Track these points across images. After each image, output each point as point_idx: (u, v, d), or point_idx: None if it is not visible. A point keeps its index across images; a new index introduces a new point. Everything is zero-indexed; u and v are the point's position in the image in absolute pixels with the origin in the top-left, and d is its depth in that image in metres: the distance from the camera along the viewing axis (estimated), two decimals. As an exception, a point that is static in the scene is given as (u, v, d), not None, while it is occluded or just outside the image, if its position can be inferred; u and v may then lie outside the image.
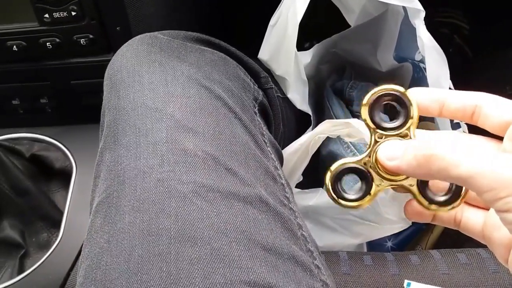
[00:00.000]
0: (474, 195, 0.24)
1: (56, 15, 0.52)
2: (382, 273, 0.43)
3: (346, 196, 0.28)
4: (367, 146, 0.28)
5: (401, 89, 0.27)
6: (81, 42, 0.54)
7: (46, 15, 0.52)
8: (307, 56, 0.61)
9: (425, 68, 0.59)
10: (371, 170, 0.28)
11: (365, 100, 0.28)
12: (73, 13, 0.52)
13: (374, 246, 0.59)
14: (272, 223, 0.32)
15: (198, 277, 0.26)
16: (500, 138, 0.27)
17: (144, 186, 0.30)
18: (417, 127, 0.28)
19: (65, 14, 0.52)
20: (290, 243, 0.31)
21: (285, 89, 0.54)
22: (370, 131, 0.28)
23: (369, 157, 0.28)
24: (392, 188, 0.28)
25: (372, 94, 0.28)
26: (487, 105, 0.26)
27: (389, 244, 0.61)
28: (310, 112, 0.56)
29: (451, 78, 0.48)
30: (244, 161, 0.34)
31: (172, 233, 0.28)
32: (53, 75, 0.57)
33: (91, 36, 0.53)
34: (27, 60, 0.56)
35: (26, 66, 0.56)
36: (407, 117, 0.27)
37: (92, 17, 0.52)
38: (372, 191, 0.28)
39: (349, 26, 0.65)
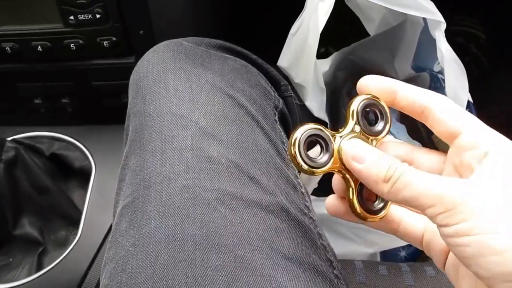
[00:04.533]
0: None
1: (81, 17, 0.53)
2: (397, 284, 0.43)
3: (309, 162, 0.26)
4: (344, 124, 0.28)
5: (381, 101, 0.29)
6: (104, 44, 0.54)
7: (71, 17, 0.53)
8: (325, 65, 0.61)
9: (443, 79, 0.59)
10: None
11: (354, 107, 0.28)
12: (98, 16, 0.52)
13: (388, 255, 0.60)
14: (293, 232, 0.32)
15: (222, 284, 0.27)
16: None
17: (169, 192, 0.31)
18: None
19: (89, 16, 0.52)
20: (310, 252, 0.32)
21: (303, 96, 0.54)
22: (354, 119, 0.28)
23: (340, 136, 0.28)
24: (337, 172, 0.28)
25: (363, 100, 0.28)
26: (437, 110, 0.26)
27: (403, 253, 0.61)
28: (327, 120, 0.57)
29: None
30: (266, 170, 0.35)
31: (197, 239, 0.28)
32: (75, 75, 0.58)
33: (114, 39, 0.54)
34: (51, 60, 0.57)
35: (50, 66, 0.57)
36: (386, 124, 0.29)
37: (116, 20, 0.53)
38: (331, 162, 0.27)
39: (365, 32, 0.65)
